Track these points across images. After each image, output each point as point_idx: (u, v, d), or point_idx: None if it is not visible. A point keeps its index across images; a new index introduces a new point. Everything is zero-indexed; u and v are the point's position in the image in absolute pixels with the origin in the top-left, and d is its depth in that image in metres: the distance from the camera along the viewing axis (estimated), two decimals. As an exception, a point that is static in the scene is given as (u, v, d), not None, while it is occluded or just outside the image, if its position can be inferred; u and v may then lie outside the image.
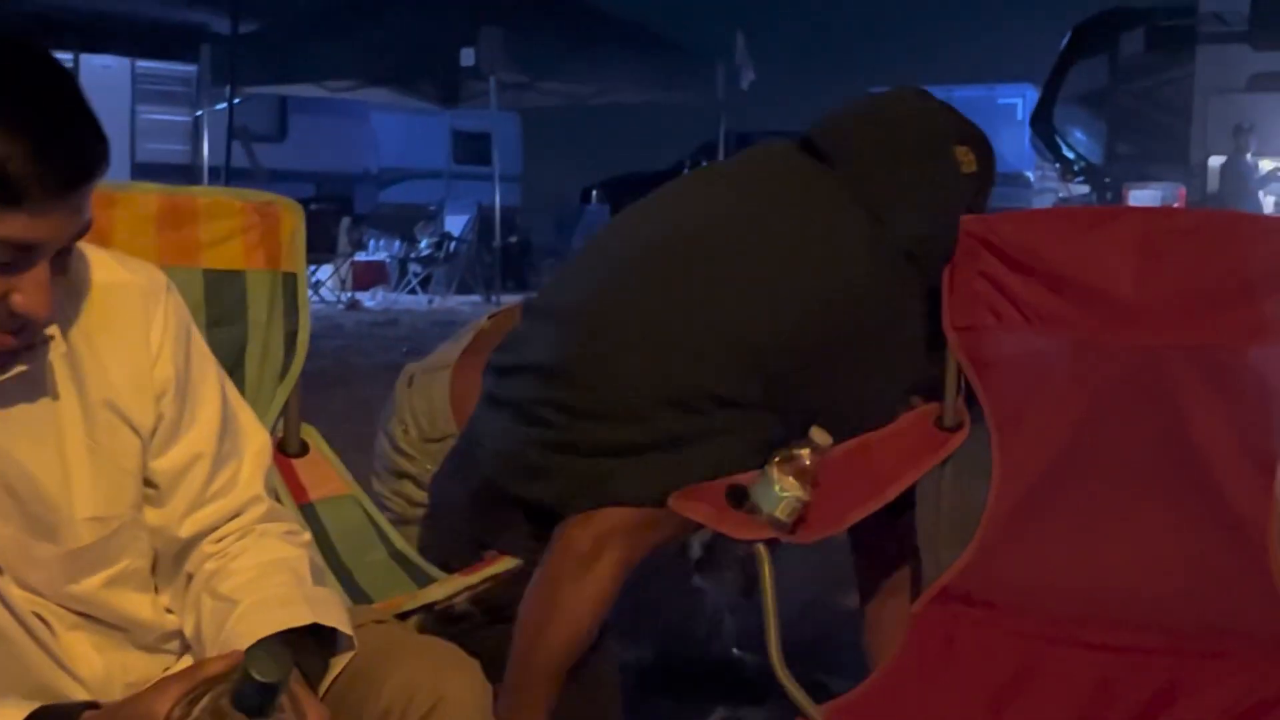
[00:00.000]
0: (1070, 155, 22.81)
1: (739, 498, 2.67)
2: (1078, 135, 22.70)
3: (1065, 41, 22.49)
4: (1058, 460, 2.86)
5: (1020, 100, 25.79)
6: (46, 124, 1.56)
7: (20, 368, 1.69)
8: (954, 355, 2.87)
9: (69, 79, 1.62)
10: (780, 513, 2.63)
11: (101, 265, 1.83)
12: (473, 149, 23.49)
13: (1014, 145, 25.46)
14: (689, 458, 2.83)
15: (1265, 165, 16.39)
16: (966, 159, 2.94)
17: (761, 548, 2.60)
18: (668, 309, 2.86)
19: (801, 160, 3.05)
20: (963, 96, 27.59)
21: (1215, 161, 17.13)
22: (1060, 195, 22.90)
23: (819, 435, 2.64)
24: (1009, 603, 2.83)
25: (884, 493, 2.81)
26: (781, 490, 2.63)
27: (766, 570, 2.58)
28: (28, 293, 1.58)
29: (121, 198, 2.53)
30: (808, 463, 2.63)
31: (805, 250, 2.90)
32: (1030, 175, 24.18)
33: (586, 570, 2.77)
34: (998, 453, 2.86)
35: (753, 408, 2.84)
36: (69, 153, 1.57)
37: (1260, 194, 16.22)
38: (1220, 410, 2.78)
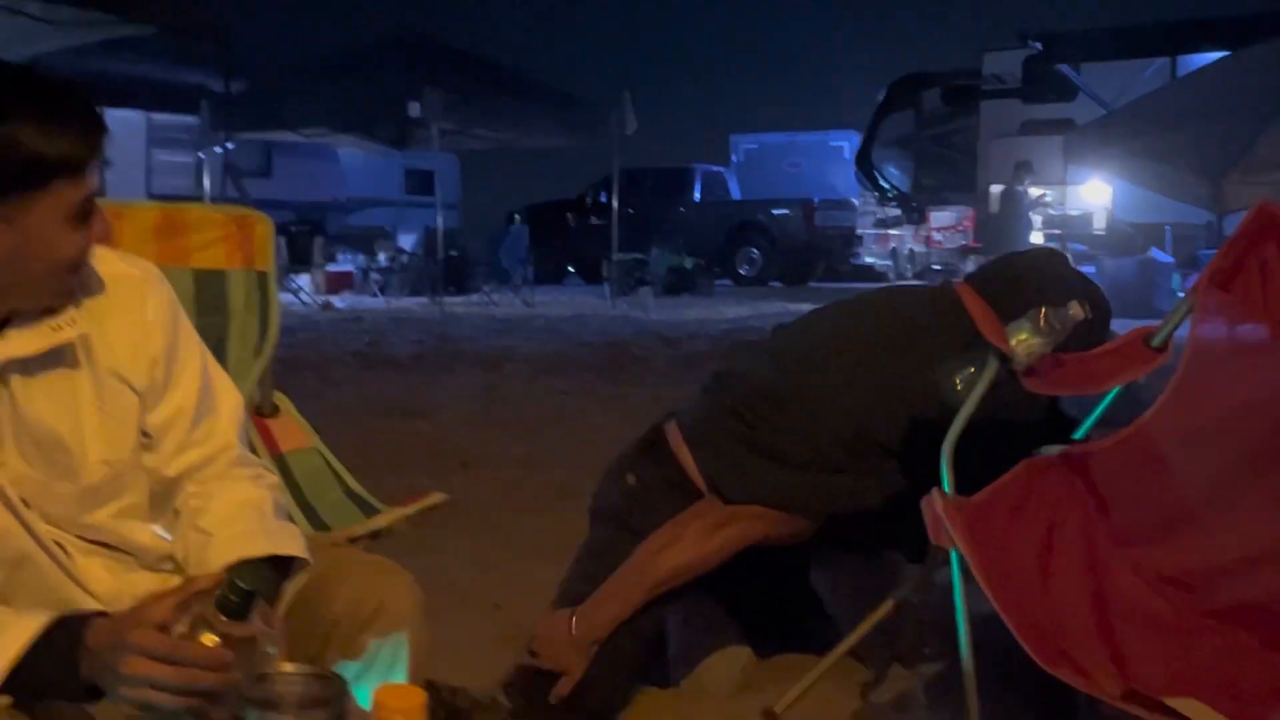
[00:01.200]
0: (885, 186, 23.11)
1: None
2: (891, 170, 22.99)
3: (880, 97, 22.75)
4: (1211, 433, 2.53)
5: (847, 143, 26.03)
6: (65, 102, 1.60)
7: (59, 340, 1.69)
8: (1191, 297, 2.52)
9: (63, 76, 1.66)
10: (1020, 347, 2.54)
11: (106, 261, 1.82)
12: (420, 183, 23.45)
13: (843, 178, 25.72)
14: (835, 484, 2.82)
15: (1034, 192, 16.62)
16: (1079, 311, 2.89)
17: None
18: (865, 370, 2.85)
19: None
20: (804, 140, 27.94)
21: (995, 189, 17.34)
22: (878, 216, 23.17)
23: (1075, 309, 2.54)
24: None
25: (1100, 384, 2.67)
26: (1033, 331, 2.53)
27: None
28: (97, 232, 1.66)
29: (127, 212, 2.53)
30: (1075, 312, 2.51)
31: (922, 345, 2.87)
32: (855, 201, 24.39)
33: (717, 528, 2.77)
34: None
35: (892, 460, 2.82)
36: (87, 120, 1.61)
37: (1030, 214, 16.46)
38: None
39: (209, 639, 1.47)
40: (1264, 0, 15.42)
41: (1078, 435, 2.76)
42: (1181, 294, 15.87)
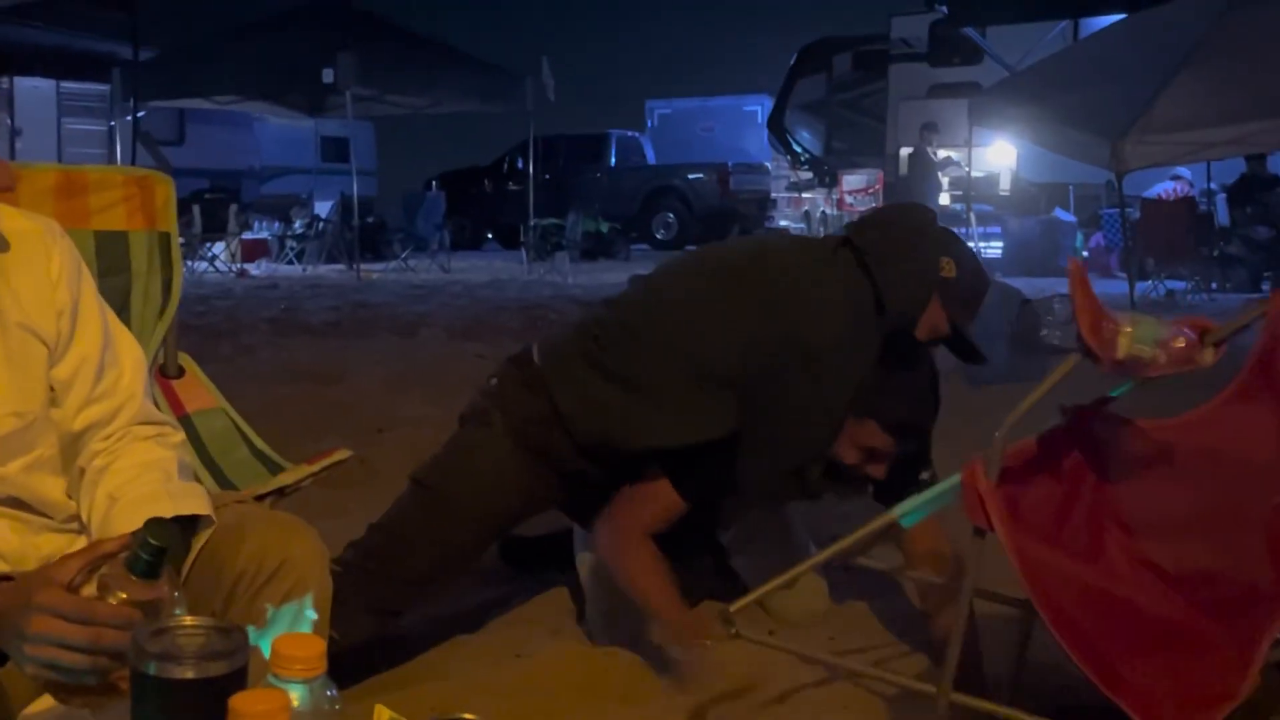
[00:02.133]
0: (798, 150, 23.17)
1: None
2: (804, 134, 23.06)
3: (792, 62, 22.79)
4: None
5: (760, 108, 26.09)
6: None
7: None
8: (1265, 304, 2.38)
9: None
10: (1139, 348, 2.33)
11: (8, 217, 1.83)
12: (335, 150, 23.25)
13: (756, 142, 25.79)
14: (678, 419, 2.86)
15: (941, 153, 16.77)
16: (948, 267, 2.92)
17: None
18: (714, 304, 2.91)
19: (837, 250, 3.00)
20: (717, 105, 27.97)
21: (904, 151, 17.52)
22: (791, 179, 23.25)
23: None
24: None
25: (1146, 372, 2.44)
26: (1154, 336, 2.33)
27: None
28: None
29: (25, 173, 2.49)
30: (1184, 341, 2.33)
31: (810, 293, 2.89)
32: (769, 165, 24.45)
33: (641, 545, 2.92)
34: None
35: (730, 388, 2.84)
36: None
37: (939, 174, 16.61)
38: None
39: (117, 598, 1.47)
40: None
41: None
42: (1086, 253, 16.18)
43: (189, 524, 1.77)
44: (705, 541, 3.40)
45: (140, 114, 17.56)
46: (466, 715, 2.59)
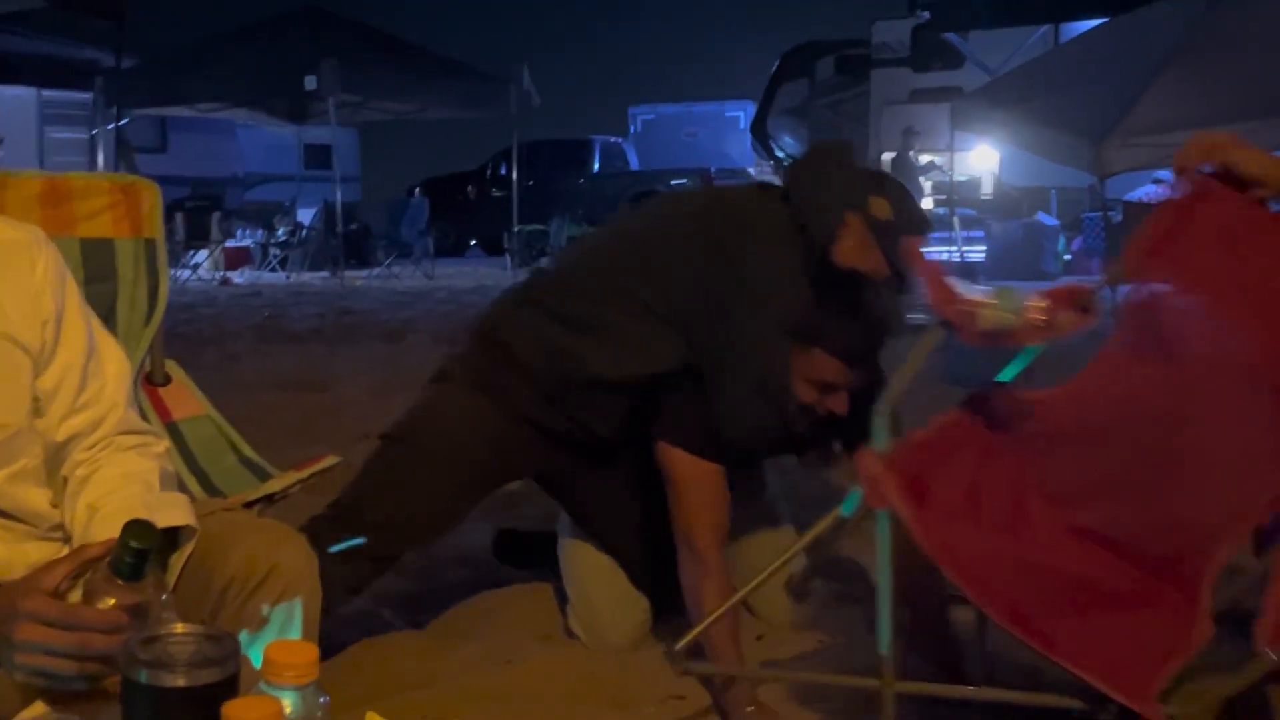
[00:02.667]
0: (781, 155, 23.20)
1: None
2: (786, 139, 23.09)
3: (775, 68, 22.83)
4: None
5: (742, 113, 26.17)
6: None
7: None
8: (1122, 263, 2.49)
9: None
10: (1003, 316, 2.41)
11: None
12: (319, 157, 23.17)
13: (739, 147, 25.85)
14: (619, 351, 2.93)
15: (924, 158, 16.80)
16: (881, 207, 2.92)
17: None
18: (650, 247, 3.01)
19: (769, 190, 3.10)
20: (700, 111, 28.02)
21: (887, 156, 17.52)
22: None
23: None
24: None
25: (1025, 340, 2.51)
26: (1015, 306, 2.47)
27: None
28: None
29: (11, 181, 2.49)
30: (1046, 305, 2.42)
31: (740, 229, 2.95)
32: (751, 170, 24.51)
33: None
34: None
35: (670, 324, 2.90)
36: None
37: (921, 179, 16.63)
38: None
39: (104, 603, 1.46)
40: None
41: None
42: (1069, 256, 16.23)
43: (172, 535, 1.75)
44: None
45: (123, 122, 17.51)
46: (458, 721, 2.58)
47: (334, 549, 2.72)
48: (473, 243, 24.94)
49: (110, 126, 17.79)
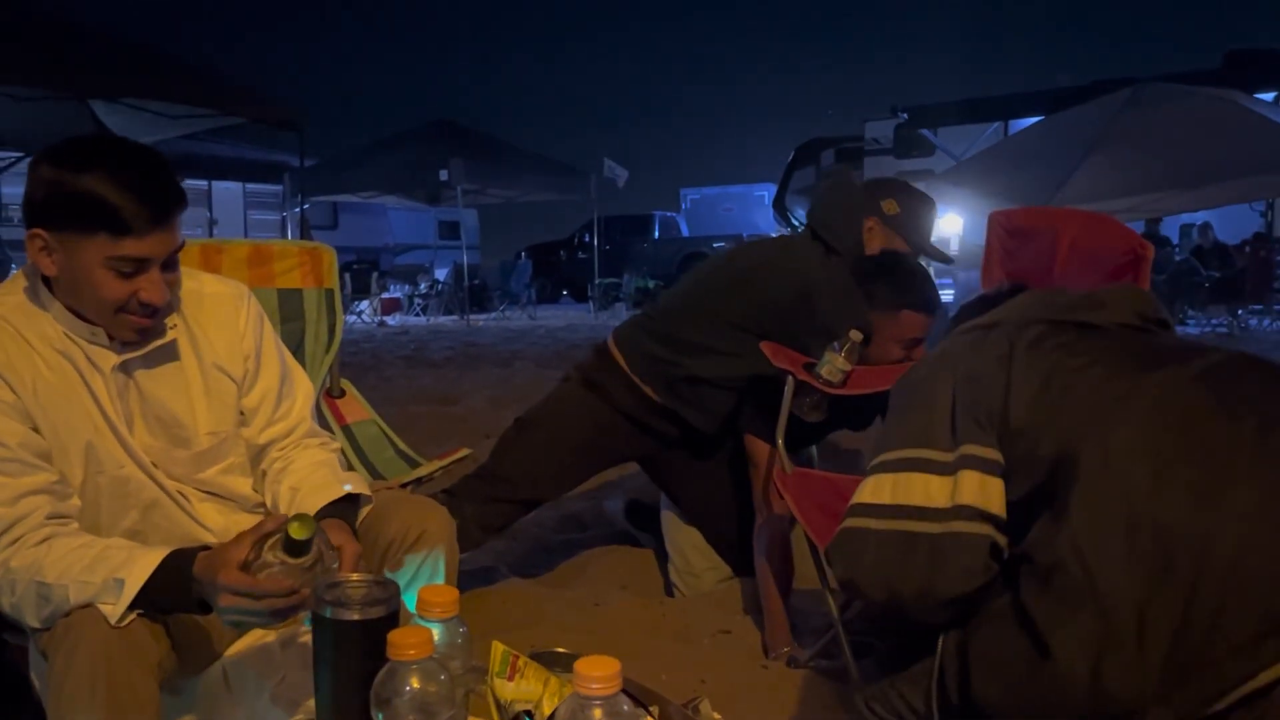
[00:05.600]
0: (795, 224, 22.99)
1: (809, 367, 2.65)
2: (799, 212, 22.86)
3: (790, 157, 22.74)
4: None
5: (767, 193, 25.98)
6: (142, 181, 1.53)
7: (160, 341, 1.68)
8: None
9: (156, 155, 1.60)
10: (828, 373, 2.59)
11: (210, 282, 1.84)
12: (449, 230, 23.33)
13: (765, 219, 25.70)
14: (724, 361, 2.92)
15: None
16: (891, 206, 2.92)
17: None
18: (723, 283, 3.00)
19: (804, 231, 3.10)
20: (734, 191, 27.94)
21: (877, 223, 17.33)
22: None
23: (855, 335, 2.59)
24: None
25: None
26: (833, 361, 2.58)
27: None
28: (147, 289, 1.59)
29: (227, 247, 2.51)
30: (853, 342, 2.58)
31: (784, 261, 2.95)
32: (774, 235, 24.30)
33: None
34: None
35: (750, 334, 2.87)
36: (156, 199, 1.55)
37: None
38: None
39: (277, 573, 1.46)
40: (1071, 77, 15.57)
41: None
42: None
43: (355, 501, 1.76)
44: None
45: (305, 206, 17.73)
46: (559, 649, 2.56)
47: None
48: (564, 293, 24.98)
49: (295, 210, 18.01)
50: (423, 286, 19.99)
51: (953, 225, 17.74)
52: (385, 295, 19.53)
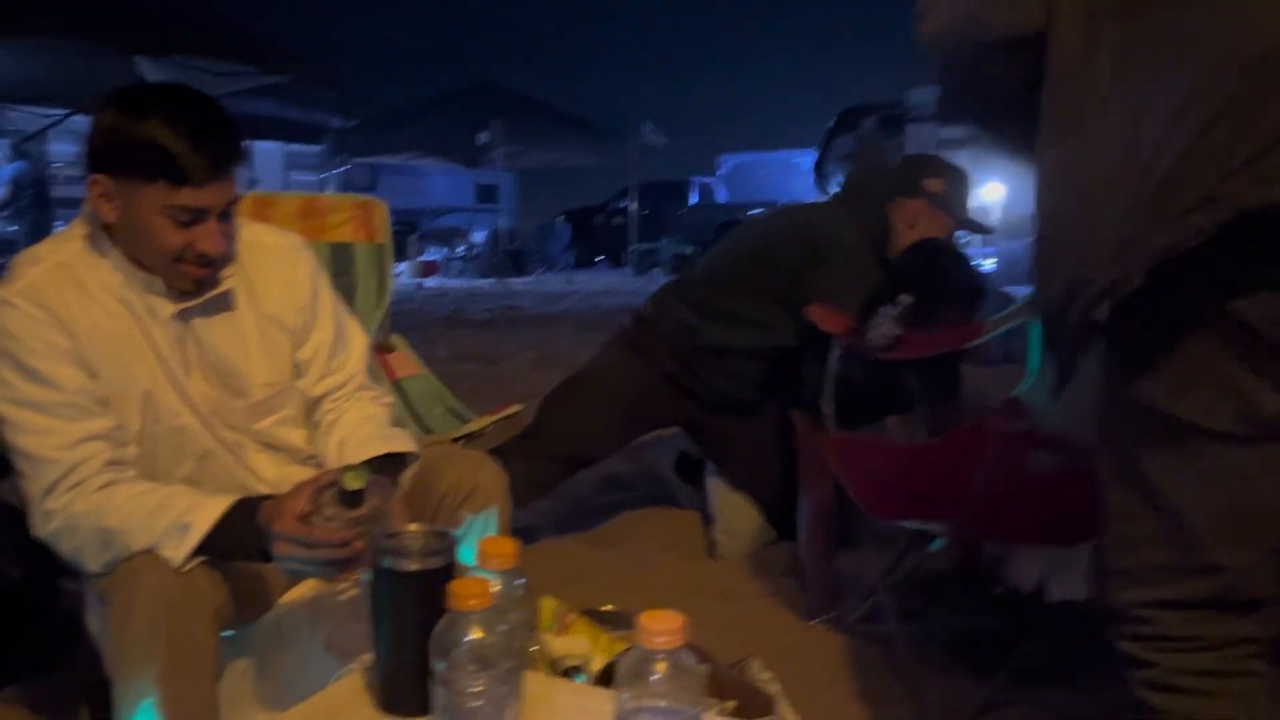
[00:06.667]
0: (835, 191, 22.80)
1: (859, 331, 2.65)
2: (838, 179, 22.69)
3: (830, 124, 22.48)
4: None
5: (806, 159, 25.65)
6: (201, 131, 1.52)
7: (216, 291, 1.67)
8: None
9: (216, 106, 1.59)
10: (878, 338, 2.59)
11: (265, 233, 1.83)
12: (487, 193, 23.35)
13: (802, 186, 25.39)
14: (762, 332, 2.96)
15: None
16: (935, 185, 2.91)
17: None
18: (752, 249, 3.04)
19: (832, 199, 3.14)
20: (772, 158, 27.69)
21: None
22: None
23: (906, 298, 2.60)
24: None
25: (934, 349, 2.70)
26: (883, 325, 2.59)
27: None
28: (204, 240, 1.58)
29: (277, 200, 2.52)
30: (904, 306, 2.59)
31: (804, 230, 2.98)
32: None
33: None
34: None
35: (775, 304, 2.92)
36: (214, 149, 1.54)
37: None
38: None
39: (332, 523, 1.47)
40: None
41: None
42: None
43: (400, 458, 1.75)
44: None
45: (345, 168, 17.79)
46: (606, 606, 2.56)
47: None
48: (601, 257, 24.94)
49: (336, 171, 18.06)
50: (460, 249, 20.01)
51: (995, 193, 17.55)
52: (423, 258, 19.59)
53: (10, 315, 1.57)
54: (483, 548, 1.31)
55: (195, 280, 1.64)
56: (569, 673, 1.88)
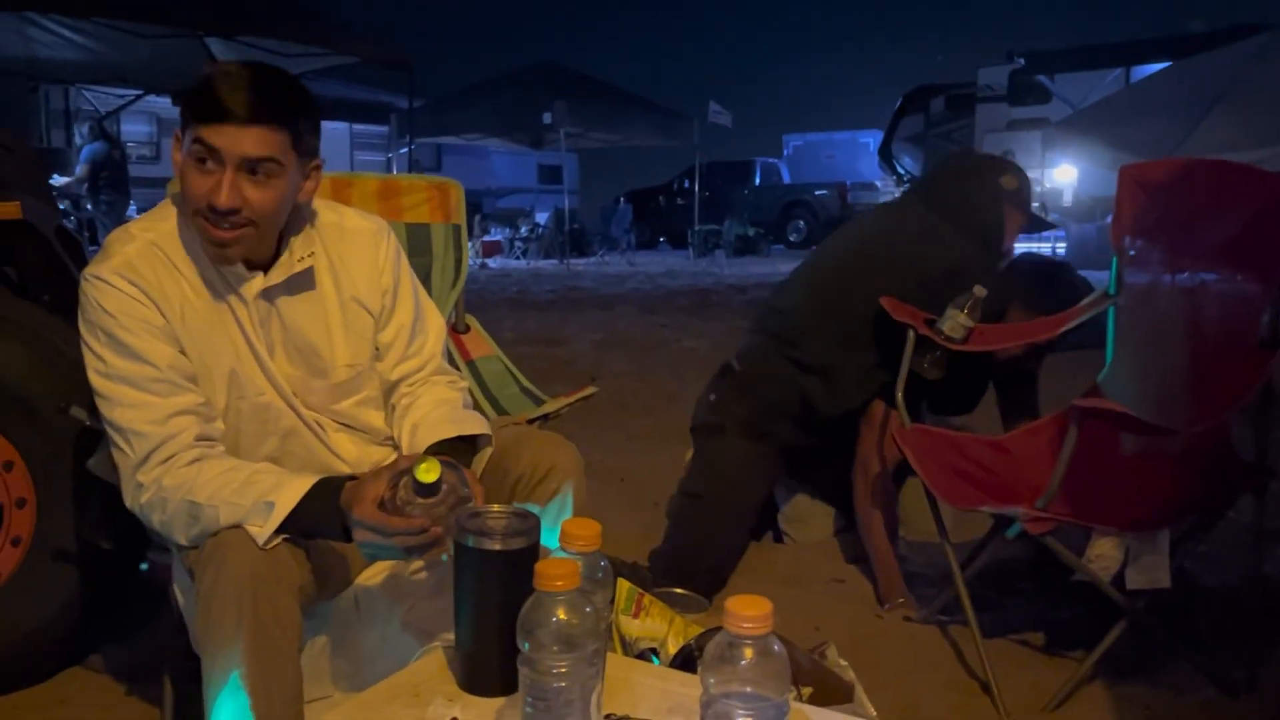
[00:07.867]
0: (901, 172, 22.51)
1: (930, 322, 2.61)
2: (906, 161, 22.40)
3: (898, 104, 22.21)
4: None
5: (871, 140, 25.44)
6: (242, 79, 1.54)
7: (299, 269, 1.68)
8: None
9: (280, 71, 1.60)
10: (950, 329, 2.56)
11: (350, 215, 1.84)
12: (551, 174, 23.41)
13: (868, 166, 25.20)
14: (852, 381, 2.80)
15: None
16: (1010, 182, 2.85)
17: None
18: (864, 292, 2.77)
19: (910, 197, 3.06)
20: (838, 137, 27.41)
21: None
22: (895, 195, 22.64)
23: (979, 290, 2.56)
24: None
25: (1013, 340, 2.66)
26: (955, 317, 2.56)
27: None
28: (216, 190, 1.55)
29: (356, 181, 2.52)
30: (976, 298, 2.54)
31: (899, 244, 2.87)
32: (878, 184, 23.86)
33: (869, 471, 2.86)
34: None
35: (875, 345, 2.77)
36: (244, 95, 1.52)
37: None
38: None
39: (409, 510, 1.47)
40: (1204, 21, 14.89)
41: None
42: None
43: (473, 440, 1.76)
44: None
45: (411, 147, 17.91)
46: (678, 590, 2.56)
47: None
48: (663, 239, 24.90)
49: (402, 151, 18.18)
50: (524, 230, 20.09)
51: (1067, 176, 17.24)
52: (487, 238, 19.70)
53: (105, 292, 1.60)
54: (566, 529, 1.31)
55: (216, 242, 1.59)
56: (643, 655, 1.89)
